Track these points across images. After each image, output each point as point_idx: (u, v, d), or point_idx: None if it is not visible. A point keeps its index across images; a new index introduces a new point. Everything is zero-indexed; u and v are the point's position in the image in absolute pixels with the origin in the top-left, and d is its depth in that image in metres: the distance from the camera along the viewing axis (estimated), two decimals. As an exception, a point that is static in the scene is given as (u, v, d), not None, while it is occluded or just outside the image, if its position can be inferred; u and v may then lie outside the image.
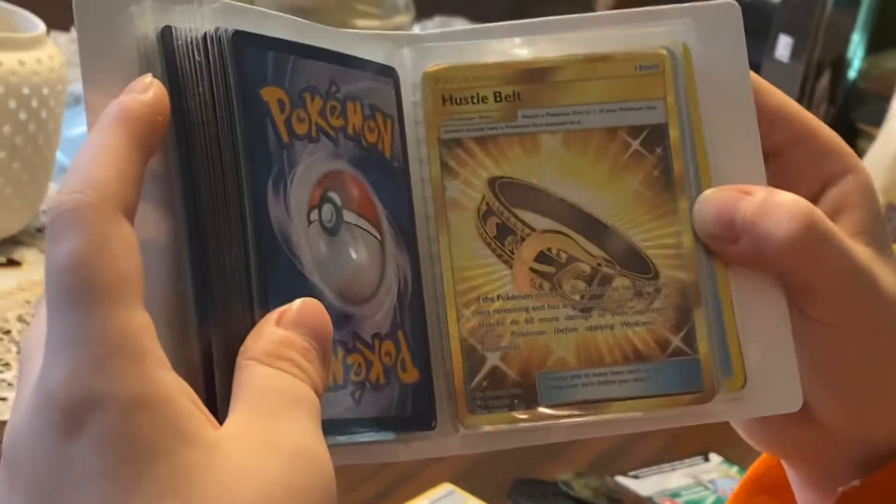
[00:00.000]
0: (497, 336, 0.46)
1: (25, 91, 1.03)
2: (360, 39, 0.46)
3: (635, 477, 0.96)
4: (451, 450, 0.47)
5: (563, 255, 0.47)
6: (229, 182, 0.40)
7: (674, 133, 0.47)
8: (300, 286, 0.41)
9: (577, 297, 0.47)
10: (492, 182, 0.47)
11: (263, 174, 0.41)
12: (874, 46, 1.50)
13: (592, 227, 0.47)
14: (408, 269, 0.46)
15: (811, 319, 0.47)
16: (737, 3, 0.48)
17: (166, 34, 0.41)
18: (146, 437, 0.35)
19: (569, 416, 0.46)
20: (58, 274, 0.36)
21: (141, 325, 0.36)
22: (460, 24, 1.66)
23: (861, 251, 0.47)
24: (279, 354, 0.38)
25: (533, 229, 0.47)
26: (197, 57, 0.41)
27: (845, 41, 1.46)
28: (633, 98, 0.47)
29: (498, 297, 0.47)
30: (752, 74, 0.48)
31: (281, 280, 0.41)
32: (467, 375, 0.46)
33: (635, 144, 0.47)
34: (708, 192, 0.47)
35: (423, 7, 1.47)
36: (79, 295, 0.36)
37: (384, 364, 0.44)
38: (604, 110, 0.47)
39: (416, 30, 1.58)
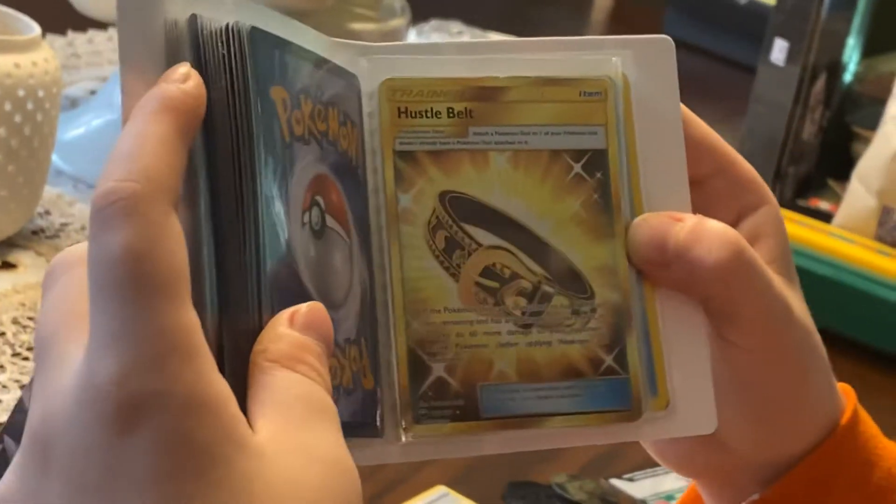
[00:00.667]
0: (442, 347, 0.47)
1: (21, 94, 1.03)
2: (332, 45, 0.46)
3: (630, 480, 0.96)
4: (392, 457, 0.47)
5: (507, 272, 0.48)
6: (247, 180, 0.40)
7: (613, 159, 0.48)
8: (297, 288, 0.41)
9: (518, 313, 0.48)
10: (442, 196, 0.47)
11: (273, 173, 0.41)
12: (870, 50, 1.50)
13: (535, 246, 0.48)
14: (367, 276, 0.46)
15: (730, 344, 0.48)
16: (671, 39, 0.50)
17: (192, 23, 0.40)
18: (205, 441, 0.34)
19: (508, 428, 0.47)
20: (110, 265, 0.35)
21: (193, 323, 0.35)
22: (456, 28, 1.66)
23: (777, 279, 0.49)
24: (300, 359, 0.38)
25: (479, 244, 0.47)
26: (221, 49, 0.40)
27: (841, 45, 1.46)
28: (576, 122, 0.48)
29: (444, 310, 0.47)
30: (681, 106, 0.50)
31: (284, 281, 0.41)
32: (413, 384, 0.46)
33: (577, 168, 0.48)
34: (641, 218, 0.48)
35: (418, 10, 1.47)
36: (134, 289, 0.34)
37: (352, 369, 0.44)
38: (549, 132, 0.48)
39: (413, 33, 1.58)
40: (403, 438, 0.46)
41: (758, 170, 0.51)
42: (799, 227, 1.31)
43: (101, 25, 1.55)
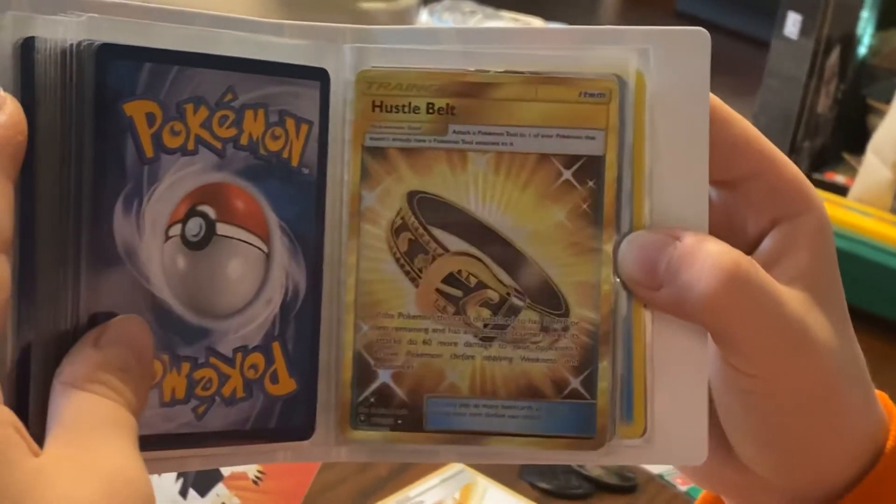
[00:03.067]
0: (392, 354, 0.45)
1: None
2: (281, 42, 0.45)
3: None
4: (331, 457, 0.46)
5: (473, 280, 0.45)
6: (70, 202, 0.40)
7: (611, 166, 0.45)
8: (144, 304, 0.41)
9: (479, 325, 0.45)
10: (411, 196, 0.45)
11: (113, 192, 0.40)
12: (884, 23, 1.49)
13: (508, 255, 0.45)
14: (301, 278, 0.45)
15: (734, 369, 0.45)
16: (707, 33, 0.46)
17: (27, 47, 0.40)
18: None
19: (451, 443, 0.45)
20: None
21: None
22: (469, 7, 1.65)
23: (794, 300, 0.45)
24: (94, 378, 0.38)
25: (446, 250, 0.45)
26: (52, 72, 0.40)
27: (855, 18, 1.46)
28: (572, 125, 0.45)
29: (399, 315, 0.45)
30: (719, 103, 0.46)
31: (121, 299, 0.41)
32: (355, 389, 0.45)
33: (567, 174, 0.45)
34: (634, 234, 0.45)
35: (430, -11, 1.47)
36: None
37: (246, 377, 0.44)
38: (540, 135, 0.45)
39: (424, 13, 1.58)
40: (335, 442, 0.45)
41: (773, 144, 0.46)
42: (814, 201, 1.31)
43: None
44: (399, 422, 0.46)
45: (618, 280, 0.45)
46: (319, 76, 0.45)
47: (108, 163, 0.40)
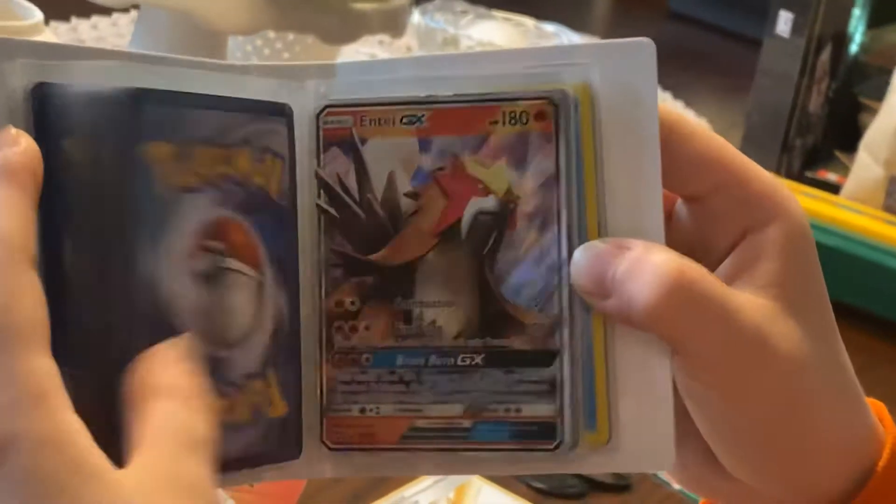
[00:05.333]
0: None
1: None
2: (246, 79, 0.46)
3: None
4: (315, 473, 0.47)
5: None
6: (104, 239, 0.41)
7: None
8: (166, 336, 0.42)
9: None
10: None
11: (142, 230, 0.41)
12: (875, 20, 1.50)
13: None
14: (285, 304, 0.46)
15: (690, 378, 0.45)
16: (651, 42, 0.46)
17: (37, 91, 0.42)
18: (53, 474, 0.36)
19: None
20: None
21: (48, 369, 0.38)
22: (461, 7, 1.65)
23: (752, 309, 0.44)
24: (180, 390, 0.40)
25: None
26: (78, 114, 0.41)
27: (846, 16, 1.46)
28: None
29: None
30: (680, 118, 0.46)
31: (148, 331, 0.41)
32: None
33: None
34: (585, 245, 0.45)
35: (422, -10, 1.47)
36: None
37: (252, 403, 0.45)
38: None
39: (416, 13, 1.58)
40: (319, 460, 0.47)
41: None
42: (807, 199, 1.31)
43: (105, 11, 1.55)
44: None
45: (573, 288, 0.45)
46: (284, 112, 0.47)
47: (136, 201, 0.41)
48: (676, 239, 0.47)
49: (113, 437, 0.39)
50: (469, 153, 0.46)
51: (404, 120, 0.46)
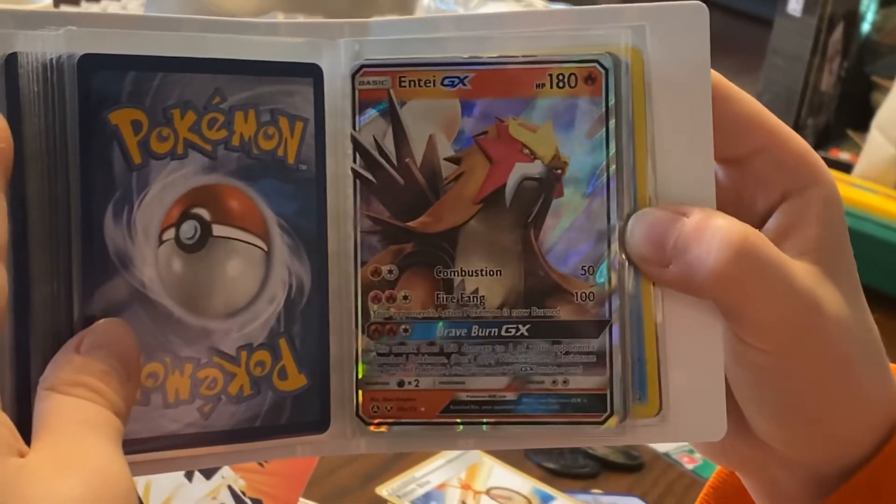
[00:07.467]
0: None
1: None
2: (276, 41, 0.45)
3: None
4: (350, 449, 0.46)
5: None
6: (60, 212, 0.41)
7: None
8: (140, 308, 0.42)
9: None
10: None
11: (102, 200, 0.41)
12: (887, -1, 1.49)
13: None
14: (305, 274, 0.45)
15: (747, 345, 0.45)
16: (705, 6, 0.45)
17: (11, 62, 0.40)
18: None
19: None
20: None
21: None
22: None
23: (804, 274, 0.45)
24: (76, 381, 0.40)
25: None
26: (35, 86, 0.40)
27: (858, -6, 1.45)
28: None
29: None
30: (722, 80, 0.46)
31: (116, 304, 0.41)
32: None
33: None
34: (641, 212, 0.45)
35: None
36: None
37: (252, 375, 0.44)
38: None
39: (426, -6, 1.58)
40: (353, 434, 0.45)
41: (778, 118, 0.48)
42: (819, 179, 1.31)
43: (114, -5, 1.55)
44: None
45: (625, 257, 0.45)
46: (312, 73, 0.45)
47: (96, 171, 0.41)
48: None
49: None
50: (514, 116, 0.45)
51: (446, 81, 0.45)
